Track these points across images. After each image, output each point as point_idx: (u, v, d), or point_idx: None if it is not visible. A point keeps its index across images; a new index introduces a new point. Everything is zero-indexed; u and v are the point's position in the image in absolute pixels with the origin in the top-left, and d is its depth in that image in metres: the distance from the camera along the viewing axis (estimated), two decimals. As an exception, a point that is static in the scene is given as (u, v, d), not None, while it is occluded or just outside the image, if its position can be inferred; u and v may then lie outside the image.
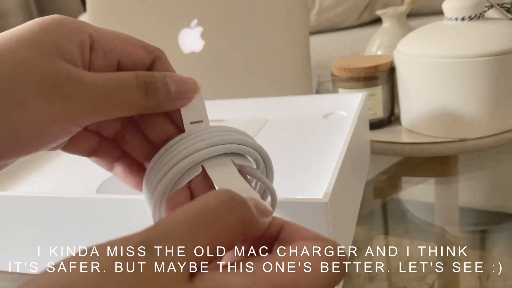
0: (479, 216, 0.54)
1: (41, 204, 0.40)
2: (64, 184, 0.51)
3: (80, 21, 0.25)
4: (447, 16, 0.64)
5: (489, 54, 0.58)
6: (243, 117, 0.64)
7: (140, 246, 0.16)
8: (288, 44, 0.77)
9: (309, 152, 0.49)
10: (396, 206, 0.57)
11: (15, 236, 0.43)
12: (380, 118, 0.68)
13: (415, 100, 0.64)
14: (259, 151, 0.28)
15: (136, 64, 0.27)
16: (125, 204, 0.38)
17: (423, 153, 0.63)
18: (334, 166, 0.38)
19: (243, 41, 0.78)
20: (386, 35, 0.78)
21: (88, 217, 0.39)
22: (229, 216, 0.18)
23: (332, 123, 0.57)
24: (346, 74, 0.66)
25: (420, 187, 0.61)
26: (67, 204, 0.40)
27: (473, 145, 0.61)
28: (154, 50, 0.27)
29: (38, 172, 0.55)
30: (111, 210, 0.38)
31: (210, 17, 0.78)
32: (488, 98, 0.59)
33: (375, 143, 0.65)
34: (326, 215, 0.33)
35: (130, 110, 0.25)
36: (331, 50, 1.26)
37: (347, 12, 1.43)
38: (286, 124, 0.59)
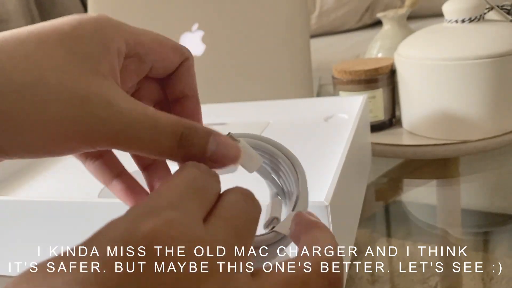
0: (481, 218, 0.54)
1: (44, 208, 0.40)
2: (67, 189, 0.51)
3: (118, 23, 0.24)
4: (448, 18, 0.64)
5: (489, 56, 0.58)
6: (244, 120, 0.64)
7: (140, 246, 0.16)
8: (289, 47, 0.77)
9: (310, 155, 0.49)
10: (398, 209, 0.57)
11: (18, 241, 0.43)
12: (381, 121, 0.68)
13: (416, 102, 0.64)
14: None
15: (166, 66, 0.26)
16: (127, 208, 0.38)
17: (424, 155, 0.63)
18: (335, 168, 0.38)
19: (244, 44, 0.78)
20: (386, 38, 0.78)
21: (90, 222, 0.40)
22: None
23: (333, 126, 0.57)
24: (347, 76, 0.66)
25: (422, 189, 0.61)
26: (70, 209, 0.40)
27: (474, 147, 0.61)
28: (185, 52, 0.26)
29: (40, 177, 0.55)
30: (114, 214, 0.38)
31: (211, 21, 0.78)
32: (489, 99, 0.59)
33: (376, 145, 0.65)
34: (327, 218, 0.33)
35: (155, 153, 0.22)
36: (332, 53, 1.27)
37: (347, 15, 1.43)
38: (287, 127, 0.59)
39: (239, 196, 0.20)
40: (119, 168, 0.28)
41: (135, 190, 0.27)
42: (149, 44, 0.25)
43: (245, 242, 0.19)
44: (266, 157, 0.27)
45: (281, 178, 0.27)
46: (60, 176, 0.55)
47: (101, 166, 0.27)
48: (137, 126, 0.21)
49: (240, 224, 0.19)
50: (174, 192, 0.19)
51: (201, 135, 0.22)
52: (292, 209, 0.24)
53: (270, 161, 0.27)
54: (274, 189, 0.27)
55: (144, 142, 0.22)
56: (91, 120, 0.21)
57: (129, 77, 0.25)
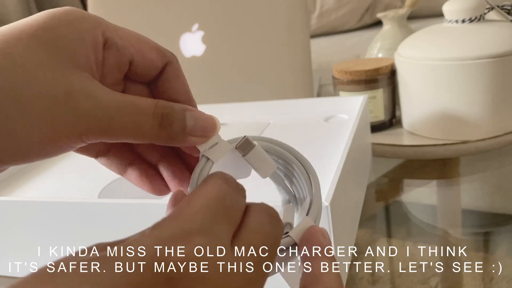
0: (482, 218, 0.54)
1: (44, 209, 0.40)
2: (67, 189, 0.51)
3: (93, 16, 0.24)
4: (448, 19, 0.64)
5: (489, 56, 0.58)
6: (245, 120, 0.64)
7: (140, 246, 0.16)
8: (289, 47, 0.77)
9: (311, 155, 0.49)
10: (398, 209, 0.57)
11: (18, 241, 0.43)
12: (381, 121, 0.68)
13: (416, 103, 0.64)
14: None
15: (148, 66, 0.25)
16: (127, 208, 0.38)
17: (424, 155, 0.63)
18: (335, 169, 0.38)
19: (244, 44, 0.78)
20: (386, 38, 0.78)
21: (90, 222, 0.40)
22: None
23: (333, 126, 0.57)
24: (347, 77, 0.66)
25: (422, 190, 0.61)
26: (70, 209, 0.40)
27: (475, 147, 0.61)
28: (167, 54, 0.26)
29: (41, 177, 0.55)
30: (113, 214, 0.38)
31: (211, 21, 0.79)
32: (489, 100, 0.59)
33: (376, 145, 0.65)
34: (327, 218, 0.33)
35: (140, 137, 0.23)
36: (332, 53, 1.27)
37: (347, 15, 1.43)
38: (288, 127, 0.59)
39: (265, 218, 0.20)
40: (130, 157, 0.28)
41: (150, 176, 0.28)
42: (127, 36, 0.25)
43: (270, 262, 0.19)
44: (279, 162, 0.27)
45: (293, 184, 0.27)
46: (60, 176, 0.55)
47: (112, 159, 0.28)
48: (119, 113, 0.22)
49: (266, 248, 0.19)
50: (205, 213, 0.19)
51: (178, 112, 0.24)
52: (306, 214, 0.24)
53: (283, 166, 0.27)
54: (286, 195, 0.27)
55: (128, 128, 0.22)
56: (77, 114, 0.21)
57: (109, 71, 0.25)
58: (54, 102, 0.21)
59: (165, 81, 0.26)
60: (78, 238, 0.41)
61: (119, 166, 0.28)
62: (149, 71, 0.26)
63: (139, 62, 0.25)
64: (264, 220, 0.20)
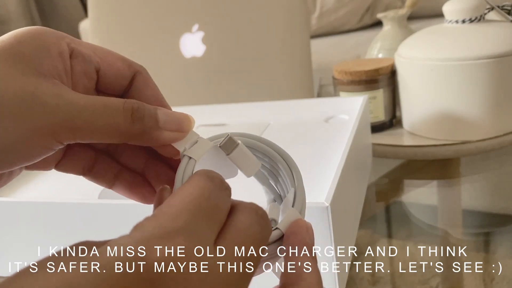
0: (482, 218, 0.54)
1: (44, 209, 0.40)
2: (67, 189, 0.51)
3: (58, 31, 0.24)
4: (448, 19, 0.64)
5: (490, 56, 0.58)
6: (245, 121, 0.64)
7: (120, 246, 0.16)
8: (289, 48, 0.77)
9: (311, 156, 0.49)
10: (398, 209, 0.57)
11: (18, 241, 0.43)
12: (381, 121, 0.68)
13: (417, 103, 0.64)
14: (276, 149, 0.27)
15: (116, 75, 0.26)
16: (127, 209, 0.38)
17: (425, 155, 0.63)
18: (335, 169, 0.38)
19: (244, 45, 0.78)
20: (387, 38, 0.78)
21: (90, 222, 0.40)
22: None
23: (333, 126, 0.57)
24: (347, 77, 0.66)
25: (423, 190, 0.61)
26: (70, 209, 0.40)
27: (475, 148, 0.61)
28: (134, 65, 0.26)
29: (40, 177, 0.55)
30: (114, 215, 0.38)
31: (211, 22, 0.79)
32: (489, 100, 0.59)
33: (377, 146, 0.65)
34: (327, 219, 0.33)
35: (113, 134, 0.23)
36: (332, 54, 1.27)
37: (347, 16, 1.43)
38: (288, 128, 0.59)
39: (254, 218, 0.20)
40: (116, 168, 0.28)
41: (138, 185, 0.28)
42: (92, 48, 0.25)
43: (255, 263, 0.19)
44: (264, 159, 0.26)
45: (278, 183, 0.27)
46: (60, 176, 0.55)
47: (98, 173, 0.28)
48: (89, 109, 0.22)
49: (253, 248, 0.19)
50: (188, 212, 0.18)
51: (149, 108, 0.24)
52: (292, 205, 0.24)
53: (268, 163, 0.27)
54: (271, 194, 0.27)
55: (100, 124, 0.22)
56: (45, 111, 0.21)
57: (79, 79, 0.25)
58: (21, 101, 0.21)
59: (136, 91, 0.26)
60: (78, 238, 0.41)
61: (107, 180, 0.28)
62: (118, 80, 0.26)
63: (106, 71, 0.26)
64: (252, 220, 0.20)
